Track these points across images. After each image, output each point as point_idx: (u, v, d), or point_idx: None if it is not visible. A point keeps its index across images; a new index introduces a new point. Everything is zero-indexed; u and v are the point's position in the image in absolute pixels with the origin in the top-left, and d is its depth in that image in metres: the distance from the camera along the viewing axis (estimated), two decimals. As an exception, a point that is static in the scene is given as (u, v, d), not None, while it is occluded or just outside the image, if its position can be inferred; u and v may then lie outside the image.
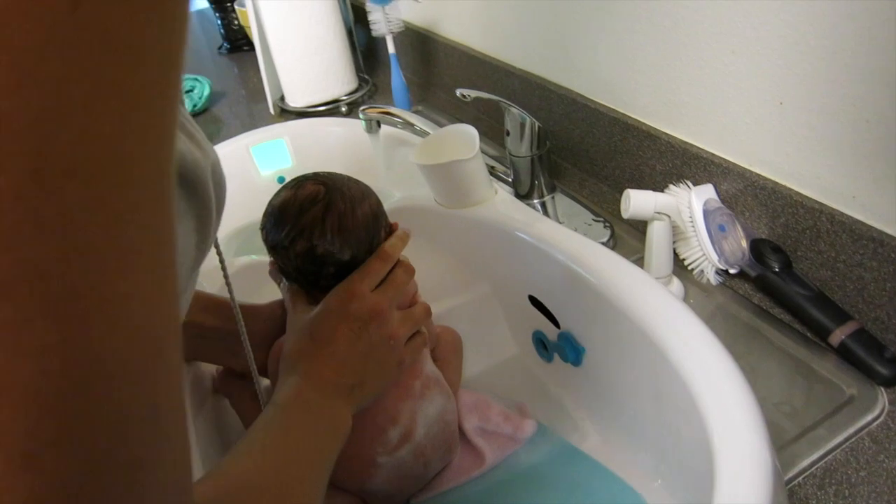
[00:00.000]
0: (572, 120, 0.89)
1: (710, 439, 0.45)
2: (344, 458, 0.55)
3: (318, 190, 0.54)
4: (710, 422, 0.46)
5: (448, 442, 0.61)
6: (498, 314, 0.77)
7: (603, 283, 0.59)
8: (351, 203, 0.54)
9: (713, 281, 0.70)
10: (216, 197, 0.32)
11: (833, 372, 0.60)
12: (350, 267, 0.52)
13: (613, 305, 0.58)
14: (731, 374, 0.48)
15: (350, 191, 0.55)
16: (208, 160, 0.31)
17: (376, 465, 0.55)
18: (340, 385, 0.48)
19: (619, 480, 0.57)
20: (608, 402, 0.63)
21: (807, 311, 0.63)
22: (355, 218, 0.53)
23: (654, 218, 0.67)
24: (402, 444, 0.56)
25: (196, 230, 0.31)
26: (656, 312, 0.55)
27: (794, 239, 0.66)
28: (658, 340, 0.53)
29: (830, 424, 0.56)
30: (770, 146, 0.67)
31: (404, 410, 0.56)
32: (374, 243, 0.54)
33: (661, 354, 0.52)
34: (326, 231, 0.52)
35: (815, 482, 0.52)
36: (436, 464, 0.60)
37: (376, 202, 0.57)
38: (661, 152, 0.77)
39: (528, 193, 0.85)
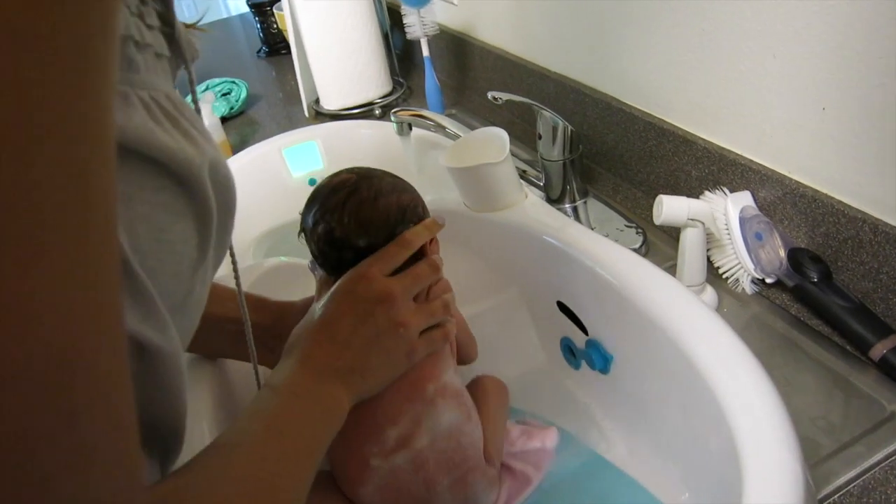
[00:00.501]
0: (606, 124, 0.88)
1: (738, 452, 0.43)
2: (338, 455, 0.54)
3: (350, 178, 0.55)
4: (738, 434, 0.44)
5: (460, 469, 0.54)
6: (526, 320, 0.76)
7: (632, 291, 0.58)
8: (376, 193, 0.54)
9: (748, 290, 0.68)
10: (217, 196, 0.32)
11: (873, 387, 0.57)
12: (368, 255, 0.52)
13: (643, 313, 0.57)
14: (761, 387, 0.47)
15: (380, 182, 0.56)
16: (205, 157, 0.30)
17: (370, 468, 0.52)
18: (338, 369, 0.46)
19: (646, 492, 0.55)
20: (636, 412, 0.62)
21: (847, 323, 0.60)
22: (376, 207, 0.54)
23: (688, 225, 0.65)
24: (399, 449, 0.52)
25: (197, 231, 0.31)
26: (686, 321, 0.53)
27: (834, 249, 0.64)
28: (687, 350, 0.51)
29: (869, 441, 0.53)
30: (811, 153, 0.65)
31: (408, 412, 0.52)
32: (395, 235, 0.54)
33: (690, 364, 0.51)
34: (345, 215, 0.53)
35: (851, 500, 0.49)
36: (442, 493, 0.53)
37: (410, 200, 0.56)
38: (697, 158, 0.76)
39: (559, 198, 0.84)
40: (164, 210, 0.29)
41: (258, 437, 0.39)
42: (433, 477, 0.53)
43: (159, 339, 0.29)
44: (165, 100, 0.30)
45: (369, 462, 0.52)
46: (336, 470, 0.55)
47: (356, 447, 0.52)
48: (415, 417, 0.52)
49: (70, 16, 0.18)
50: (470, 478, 0.55)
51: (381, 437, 0.52)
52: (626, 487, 0.57)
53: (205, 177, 0.30)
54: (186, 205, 0.30)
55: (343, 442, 0.49)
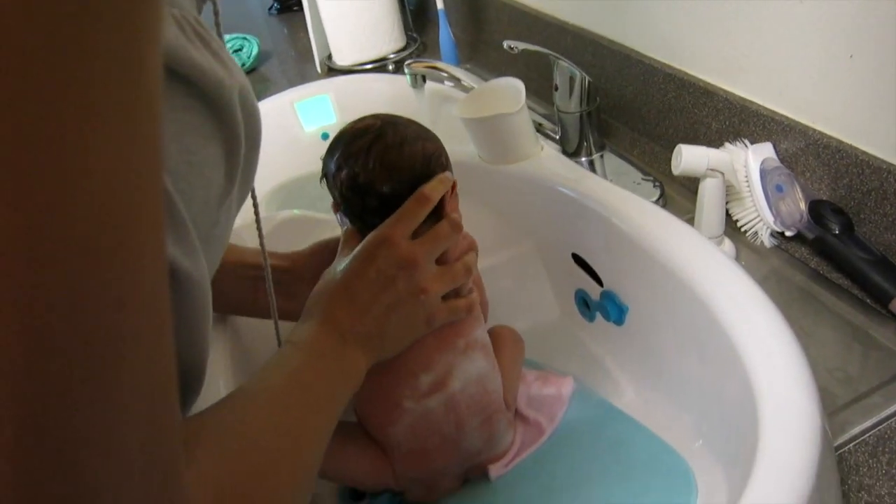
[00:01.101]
0: (625, 77, 0.86)
1: (755, 399, 0.43)
2: (368, 399, 0.54)
3: (374, 123, 0.55)
4: (755, 380, 0.44)
5: (486, 411, 0.56)
6: (541, 272, 0.76)
7: (650, 241, 0.58)
8: (401, 139, 0.53)
9: (767, 243, 0.67)
10: (246, 124, 0.31)
11: (892, 339, 0.57)
12: (392, 204, 0.52)
13: (660, 263, 0.56)
14: (780, 333, 0.46)
15: (406, 129, 0.55)
16: (234, 81, 0.30)
17: (402, 408, 0.53)
18: (358, 333, 0.46)
19: (658, 440, 0.55)
20: (650, 362, 0.61)
21: (867, 275, 0.59)
22: (401, 153, 0.53)
23: (707, 175, 0.64)
24: (433, 393, 0.53)
25: (225, 158, 0.30)
26: (704, 269, 0.53)
27: (857, 201, 0.62)
28: (705, 297, 0.51)
29: (886, 392, 0.53)
30: (837, 102, 0.63)
31: (441, 361, 0.54)
32: (419, 185, 0.53)
33: (707, 312, 0.50)
34: (370, 160, 0.52)
35: (867, 449, 0.49)
36: (470, 432, 0.55)
37: (434, 149, 0.56)
38: (717, 110, 0.74)
39: (575, 151, 0.82)
40: (193, 131, 0.28)
41: (280, 387, 0.39)
42: (464, 418, 0.54)
43: (190, 266, 0.28)
44: (195, 22, 0.29)
45: (401, 404, 0.53)
46: (365, 414, 0.56)
47: (388, 390, 0.53)
48: (447, 366, 0.54)
49: None
50: (494, 418, 0.56)
51: (415, 382, 0.53)
52: (639, 435, 0.57)
53: (235, 101, 0.30)
54: (216, 129, 0.29)
55: (374, 387, 0.50)
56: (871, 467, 0.48)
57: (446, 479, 0.57)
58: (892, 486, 0.47)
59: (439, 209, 0.53)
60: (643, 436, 0.57)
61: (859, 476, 0.48)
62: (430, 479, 0.56)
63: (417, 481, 0.56)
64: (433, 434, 0.54)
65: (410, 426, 0.54)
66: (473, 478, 0.59)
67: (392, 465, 0.55)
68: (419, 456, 0.55)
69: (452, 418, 0.54)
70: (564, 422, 0.63)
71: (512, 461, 0.59)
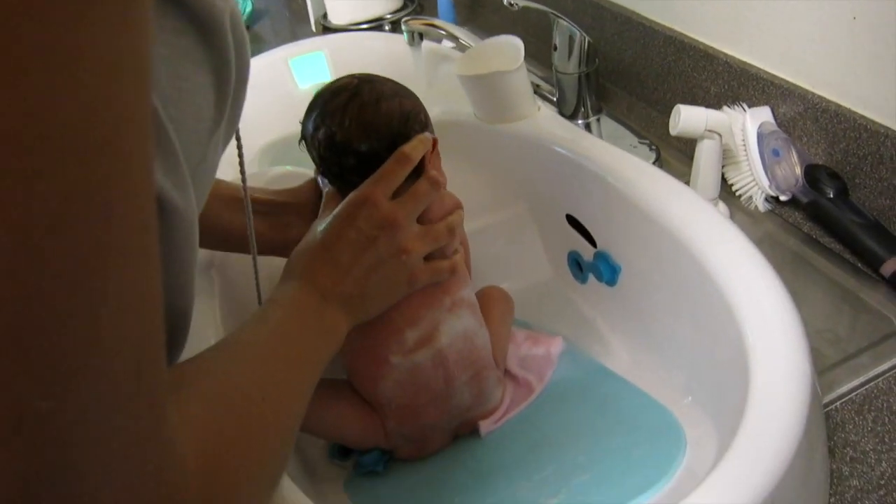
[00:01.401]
0: (625, 39, 0.85)
1: (747, 355, 0.43)
2: (356, 356, 0.55)
3: (351, 82, 0.54)
4: (749, 337, 0.44)
5: (475, 366, 0.56)
6: (534, 234, 0.76)
7: (645, 200, 0.57)
8: (377, 96, 0.53)
9: (761, 208, 0.67)
10: (236, 51, 0.30)
11: (882, 303, 0.57)
12: (370, 163, 0.51)
13: (655, 222, 0.56)
14: (775, 291, 0.46)
15: (382, 86, 0.54)
16: (226, 5, 0.29)
17: (389, 364, 0.53)
18: (339, 294, 0.46)
19: (647, 396, 0.56)
20: (641, 322, 0.62)
21: (860, 239, 0.60)
22: (378, 110, 0.53)
23: (705, 136, 0.64)
24: (420, 348, 0.53)
25: (215, 87, 0.29)
26: (700, 228, 0.53)
27: (853, 165, 0.62)
28: (700, 256, 0.51)
29: (875, 353, 0.53)
30: (838, 66, 0.62)
31: (427, 318, 0.54)
32: (397, 143, 0.53)
33: (702, 270, 0.50)
34: (346, 118, 0.52)
35: (853, 408, 0.50)
36: (459, 387, 0.55)
37: (412, 106, 0.55)
38: (717, 73, 0.73)
39: (572, 114, 0.82)
40: (184, 56, 0.27)
41: (264, 341, 0.39)
42: (452, 372, 0.54)
43: (179, 199, 0.28)
44: None
45: (389, 359, 0.53)
46: (354, 370, 0.56)
47: (375, 346, 0.53)
48: (433, 321, 0.54)
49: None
50: (484, 374, 0.56)
51: (401, 338, 0.53)
52: (629, 393, 0.57)
53: (226, 24, 0.29)
54: (206, 54, 0.28)
55: (361, 343, 0.51)
56: (856, 424, 0.49)
57: (436, 435, 0.57)
58: (877, 442, 0.47)
59: (420, 168, 0.53)
60: (632, 393, 0.57)
61: (845, 433, 0.48)
62: (420, 435, 0.56)
63: (408, 438, 0.56)
64: (423, 389, 0.54)
65: (399, 381, 0.54)
66: (463, 435, 0.59)
67: (383, 422, 0.55)
68: (410, 412, 0.55)
69: (441, 373, 0.54)
70: (554, 381, 0.63)
71: (502, 418, 0.59)
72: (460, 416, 0.57)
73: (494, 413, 0.59)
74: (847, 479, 0.46)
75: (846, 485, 0.45)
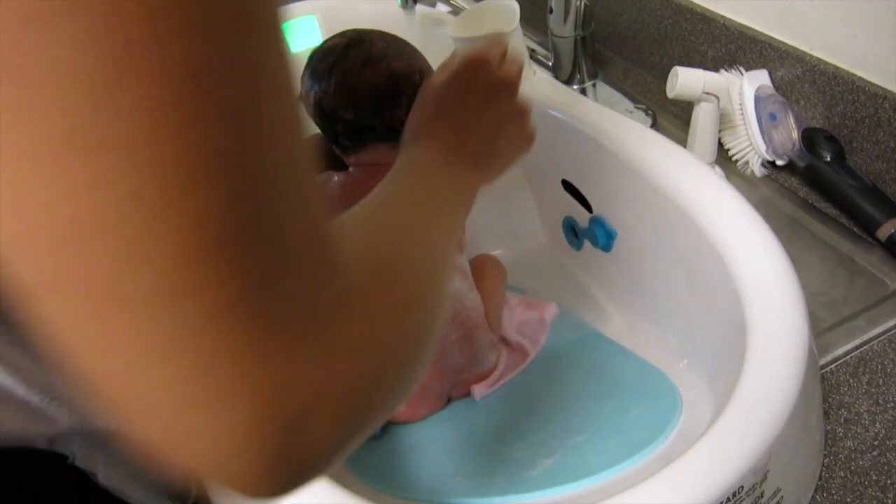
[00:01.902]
0: (620, 3, 0.84)
1: (744, 316, 0.43)
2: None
3: (340, 43, 0.53)
4: (746, 298, 0.44)
5: (465, 326, 0.56)
6: (528, 200, 0.75)
7: (642, 163, 0.57)
8: (364, 59, 0.52)
9: (758, 173, 0.67)
10: None
11: (877, 266, 0.57)
12: (358, 130, 0.51)
13: (652, 185, 0.55)
14: (773, 253, 0.46)
15: (371, 48, 0.53)
16: None
17: None
18: (468, 153, 0.43)
19: (642, 360, 0.56)
20: (637, 287, 0.61)
21: (856, 203, 0.59)
22: (362, 76, 0.51)
23: (702, 99, 0.63)
24: None
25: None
26: (698, 191, 0.52)
27: (850, 129, 0.62)
28: (698, 219, 0.50)
29: (869, 316, 0.53)
30: (837, 28, 0.61)
31: None
32: (385, 108, 0.52)
33: (700, 233, 0.50)
34: (331, 85, 0.51)
35: (848, 370, 0.50)
36: (450, 346, 0.55)
37: (403, 67, 0.53)
38: (714, 37, 0.72)
39: (568, 79, 0.80)
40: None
41: (403, 203, 0.36)
42: (442, 329, 0.53)
43: None
44: None
45: None
46: None
47: None
48: None
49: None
50: (476, 334, 0.56)
51: None
52: (623, 357, 0.58)
53: None
54: None
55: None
56: (851, 386, 0.49)
57: (429, 397, 0.57)
58: (871, 403, 0.48)
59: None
60: (627, 357, 0.58)
61: (840, 395, 0.49)
62: (413, 397, 0.56)
63: None
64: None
65: None
66: (457, 398, 0.59)
67: None
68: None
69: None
70: (548, 346, 0.63)
71: (496, 383, 0.59)
72: (453, 377, 0.57)
73: (489, 377, 0.59)
74: (841, 439, 0.46)
75: (840, 445, 0.46)
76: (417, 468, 0.52)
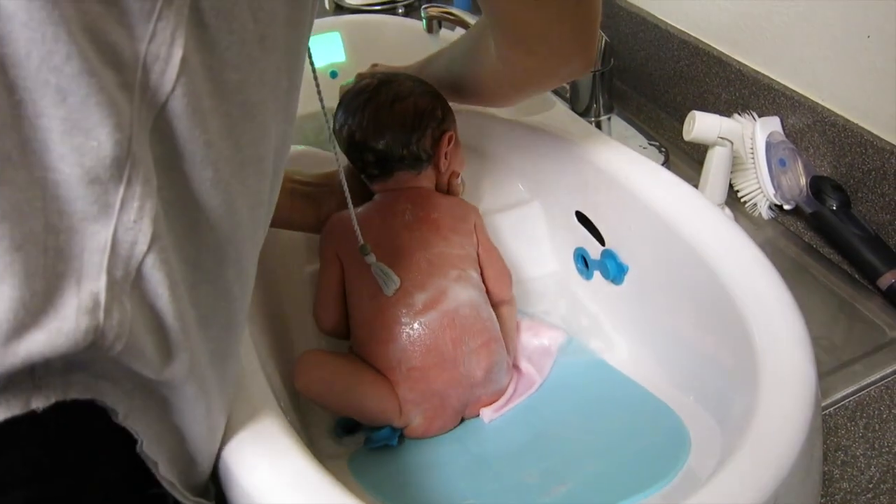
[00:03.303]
0: (638, 40, 0.86)
1: (755, 357, 0.45)
2: (369, 320, 0.57)
3: (371, 83, 0.61)
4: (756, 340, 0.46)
5: (482, 336, 0.58)
6: (541, 228, 0.77)
7: (657, 202, 0.59)
8: (393, 97, 0.59)
9: (765, 215, 0.69)
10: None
11: (877, 314, 0.59)
12: (387, 158, 0.59)
13: (665, 224, 0.58)
14: (782, 298, 0.48)
15: (399, 87, 0.61)
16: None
17: (399, 325, 0.56)
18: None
19: (649, 393, 0.58)
20: (645, 321, 0.63)
21: (859, 251, 0.62)
22: (392, 111, 0.59)
23: (717, 143, 0.65)
24: (428, 310, 0.56)
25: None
26: (710, 233, 0.54)
27: (857, 179, 0.64)
28: (710, 260, 0.52)
29: (868, 362, 0.56)
30: (849, 81, 0.64)
31: (434, 284, 0.57)
32: (412, 139, 0.59)
33: (710, 274, 0.52)
34: (364, 119, 0.59)
35: (846, 414, 0.52)
36: (468, 354, 0.57)
37: (427, 104, 0.61)
38: (729, 80, 0.75)
39: (584, 111, 0.83)
40: None
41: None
42: (459, 336, 0.57)
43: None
44: None
45: (399, 320, 0.56)
46: (366, 338, 0.58)
47: (385, 310, 0.56)
48: (440, 288, 0.57)
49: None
50: (493, 346, 0.58)
51: (410, 301, 0.56)
52: (629, 389, 0.59)
53: None
54: None
55: (373, 309, 0.56)
56: (848, 430, 0.51)
57: (446, 410, 0.58)
58: (867, 448, 0.50)
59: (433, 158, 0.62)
60: (633, 390, 0.59)
61: (838, 437, 0.51)
62: (430, 406, 0.57)
63: (419, 408, 0.57)
64: (432, 350, 0.56)
65: (409, 342, 0.56)
66: (469, 418, 0.61)
67: (396, 391, 0.56)
68: (420, 374, 0.56)
69: (449, 335, 0.57)
70: (555, 374, 0.65)
71: (504, 406, 0.61)
72: (470, 390, 0.58)
73: (498, 400, 0.61)
74: (837, 481, 0.48)
75: (836, 487, 0.48)
76: (429, 487, 0.53)
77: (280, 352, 0.62)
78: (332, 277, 0.60)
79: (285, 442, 0.40)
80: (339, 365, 0.58)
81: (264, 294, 0.61)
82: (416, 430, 0.58)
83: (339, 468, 0.58)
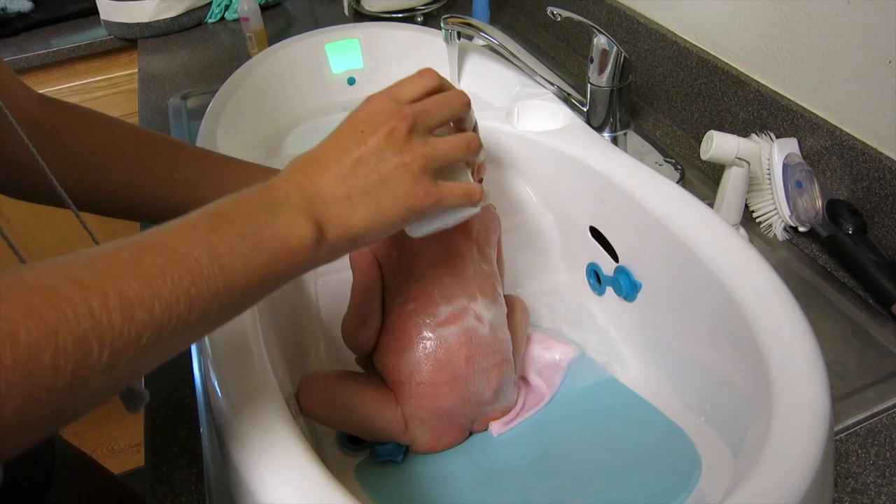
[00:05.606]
0: (657, 57, 0.87)
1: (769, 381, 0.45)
2: (393, 325, 0.57)
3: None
4: (771, 364, 0.46)
5: (496, 357, 0.58)
6: (555, 242, 0.77)
7: (672, 220, 0.59)
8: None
9: (780, 237, 0.69)
10: None
11: (890, 340, 0.59)
12: None
13: (680, 243, 0.58)
14: (797, 321, 0.48)
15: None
16: None
17: (421, 334, 0.55)
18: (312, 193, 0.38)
19: (658, 413, 0.58)
20: (657, 339, 0.63)
21: (874, 276, 0.62)
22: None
23: (734, 164, 0.65)
24: (450, 324, 0.55)
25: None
26: (725, 254, 0.54)
27: (874, 204, 0.64)
28: (725, 281, 0.52)
29: (880, 389, 0.56)
30: (868, 106, 0.64)
31: (461, 300, 0.56)
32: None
33: (725, 295, 0.52)
34: None
35: (857, 440, 0.52)
36: (479, 373, 0.57)
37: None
38: (747, 100, 0.75)
39: (600, 126, 0.83)
40: None
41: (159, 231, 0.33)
42: (474, 355, 0.56)
43: None
44: None
45: (422, 329, 0.55)
46: (385, 344, 0.58)
47: (411, 316, 0.56)
48: (465, 305, 0.56)
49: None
50: (504, 367, 0.58)
51: (435, 311, 0.56)
52: (640, 408, 0.59)
53: None
54: None
55: (399, 314, 0.55)
56: (859, 457, 0.51)
57: (453, 427, 0.58)
58: (878, 475, 0.50)
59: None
60: (642, 408, 0.59)
61: (848, 464, 0.51)
62: (437, 423, 0.58)
63: (425, 424, 0.57)
64: (444, 366, 0.56)
65: (424, 354, 0.56)
66: (476, 433, 0.61)
67: (402, 407, 0.57)
68: (429, 390, 0.56)
69: (464, 353, 0.56)
70: (564, 388, 0.65)
71: (513, 420, 0.61)
72: (478, 408, 0.58)
73: (507, 415, 0.61)
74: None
75: (846, 514, 0.48)
76: (437, 500, 0.54)
77: (291, 359, 0.63)
78: (371, 283, 0.57)
79: (298, 453, 0.41)
80: (341, 387, 0.58)
81: (276, 304, 0.62)
82: (423, 446, 0.58)
83: (346, 477, 0.59)
